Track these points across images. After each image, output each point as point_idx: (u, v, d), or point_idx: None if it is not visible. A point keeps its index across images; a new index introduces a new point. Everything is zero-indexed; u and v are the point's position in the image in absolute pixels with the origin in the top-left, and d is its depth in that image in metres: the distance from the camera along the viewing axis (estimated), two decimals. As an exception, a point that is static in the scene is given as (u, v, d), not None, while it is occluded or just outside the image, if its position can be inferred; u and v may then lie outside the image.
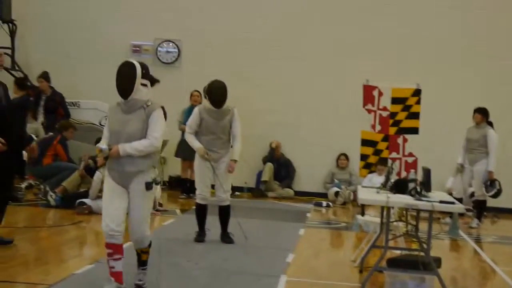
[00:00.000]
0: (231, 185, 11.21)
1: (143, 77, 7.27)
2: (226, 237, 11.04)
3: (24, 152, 15.17)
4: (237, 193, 17.05)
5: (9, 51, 17.70)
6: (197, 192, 10.93)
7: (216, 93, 10.66)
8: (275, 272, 9.20)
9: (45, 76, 16.61)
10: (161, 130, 7.37)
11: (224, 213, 11.03)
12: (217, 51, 18.19)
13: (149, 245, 7.74)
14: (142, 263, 7.72)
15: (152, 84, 7.44)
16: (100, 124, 16.70)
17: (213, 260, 9.73)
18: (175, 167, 17.42)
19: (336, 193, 17.27)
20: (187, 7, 18.34)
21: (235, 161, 10.82)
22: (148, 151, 7.31)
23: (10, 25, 17.86)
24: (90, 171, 13.92)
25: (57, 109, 16.50)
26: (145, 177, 7.34)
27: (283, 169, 18.12)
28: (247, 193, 17.89)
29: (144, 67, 7.35)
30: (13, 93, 14.90)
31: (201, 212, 10.99)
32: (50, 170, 14.68)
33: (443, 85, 17.25)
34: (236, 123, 10.80)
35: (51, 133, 15.34)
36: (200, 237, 10.97)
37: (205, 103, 10.87)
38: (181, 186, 16.72)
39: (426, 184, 8.68)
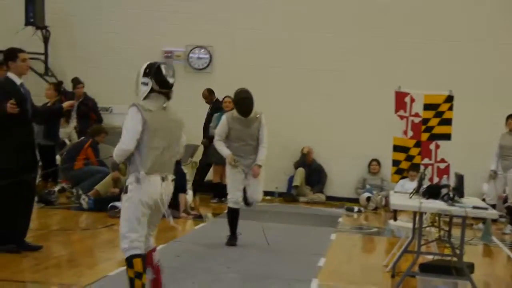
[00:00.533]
0: (262, 190, 11.27)
1: (144, 75, 6.85)
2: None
3: (57, 157, 15.38)
4: (268, 197, 17.06)
5: (42, 57, 17.85)
6: (229, 196, 10.99)
7: (243, 103, 10.78)
8: (307, 276, 9.20)
9: (79, 80, 16.80)
10: (126, 131, 6.75)
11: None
12: (249, 57, 18.20)
13: (126, 260, 6.79)
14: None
15: (160, 87, 6.81)
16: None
17: (245, 264, 9.74)
18: (208, 172, 17.44)
19: (368, 199, 17.22)
20: (218, 14, 18.37)
21: (259, 166, 10.88)
22: (116, 155, 6.84)
23: (44, 31, 17.99)
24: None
25: (89, 113, 16.64)
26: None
27: (314, 174, 18.10)
28: (278, 198, 17.87)
29: (150, 65, 6.87)
30: (46, 97, 15.11)
31: (233, 216, 11.02)
32: (82, 174, 14.78)
33: (475, 92, 17.14)
34: (263, 129, 10.89)
35: (83, 138, 15.45)
36: (232, 241, 11.00)
37: (233, 111, 10.99)
38: (213, 191, 16.75)
39: (459, 190, 8.65)
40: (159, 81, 6.78)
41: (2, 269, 8.52)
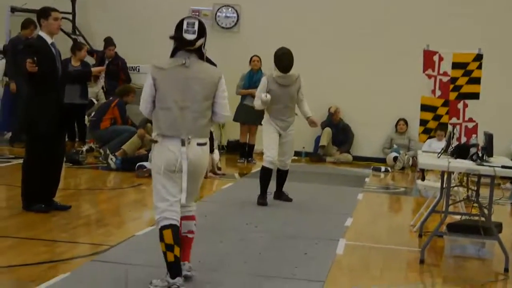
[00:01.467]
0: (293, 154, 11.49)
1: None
2: (282, 195, 11.38)
3: (86, 117, 15.46)
4: (295, 157, 17.03)
5: (69, 16, 17.84)
6: (265, 155, 11.03)
7: (283, 58, 10.89)
8: (334, 235, 9.22)
9: (113, 43, 16.82)
10: (142, 93, 6.62)
11: (284, 176, 11.36)
12: (276, 16, 18.10)
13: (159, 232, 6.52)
14: None
15: (178, 43, 6.50)
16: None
17: (272, 224, 9.77)
18: (234, 132, 17.46)
19: (395, 158, 17.17)
20: (245, -29, 18.28)
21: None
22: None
23: (72, -10, 17.98)
24: None
25: (118, 73, 16.67)
26: None
27: (341, 134, 18.05)
28: (305, 157, 17.89)
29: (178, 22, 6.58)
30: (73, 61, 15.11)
31: (267, 175, 11.04)
32: (109, 133, 14.86)
33: (505, 50, 16.96)
34: (303, 89, 11.06)
35: (110, 98, 15.49)
36: (263, 200, 11.02)
37: (272, 72, 11.03)
38: (240, 150, 16.77)
39: (488, 149, 8.57)
40: (176, 37, 6.50)
41: (31, 229, 8.60)
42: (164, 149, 6.40)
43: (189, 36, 6.45)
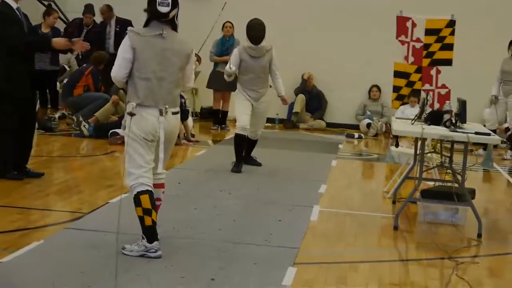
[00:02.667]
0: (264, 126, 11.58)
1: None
2: (251, 160, 11.42)
3: (57, 83, 15.32)
4: (268, 124, 17.03)
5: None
6: (237, 123, 11.03)
7: (254, 28, 10.91)
8: (308, 202, 9.24)
9: (91, 10, 16.60)
10: (116, 59, 6.59)
11: (253, 144, 11.44)
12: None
13: (133, 199, 6.59)
14: None
15: (152, 16, 6.57)
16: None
17: (246, 191, 9.78)
18: (207, 98, 17.41)
19: (368, 125, 17.21)
20: None
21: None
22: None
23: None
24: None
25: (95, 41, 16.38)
26: None
27: (315, 100, 18.06)
28: (278, 124, 17.89)
29: None
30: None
31: (241, 142, 11.06)
32: (82, 100, 14.74)
33: (477, 16, 16.97)
34: (275, 61, 11.03)
35: (84, 65, 15.34)
36: (237, 168, 10.99)
37: (244, 42, 11.10)
38: (213, 117, 16.73)
39: (462, 116, 8.60)
40: (150, 10, 6.55)
41: (5, 196, 8.55)
42: (143, 118, 6.45)
43: (164, 9, 6.50)
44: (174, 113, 6.64)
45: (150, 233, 6.49)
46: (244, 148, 11.15)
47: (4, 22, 9.10)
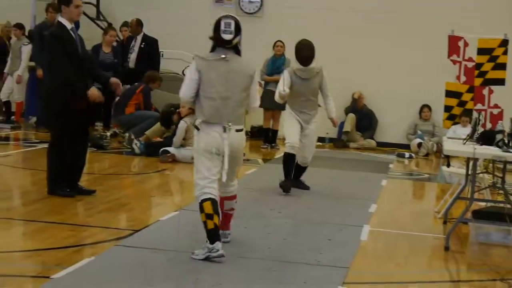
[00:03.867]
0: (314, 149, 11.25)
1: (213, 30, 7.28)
2: (300, 184, 11.12)
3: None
4: (319, 143, 17.00)
5: (94, 1, 17.88)
6: (286, 141, 10.86)
7: (303, 49, 10.64)
8: (358, 222, 9.20)
9: (127, 25, 16.78)
10: (184, 80, 7.28)
11: (303, 169, 11.15)
12: (300, 1, 18.05)
13: (199, 205, 7.14)
14: None
15: (217, 42, 7.20)
16: (183, 74, 16.76)
17: (296, 210, 9.77)
18: (257, 117, 17.45)
19: (419, 144, 17.10)
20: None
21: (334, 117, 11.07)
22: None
23: (95, -25, 18.00)
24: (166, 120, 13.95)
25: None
26: None
27: (365, 119, 18.00)
28: (328, 143, 17.85)
29: (216, 20, 7.23)
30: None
31: (289, 161, 10.84)
32: (133, 118, 14.86)
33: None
34: (326, 82, 10.79)
35: (136, 83, 15.48)
36: (286, 187, 10.78)
37: (293, 64, 10.89)
38: (263, 136, 16.76)
39: (514, 136, 8.52)
40: (215, 37, 7.16)
41: (57, 213, 8.65)
42: (207, 134, 7.07)
43: (227, 36, 7.15)
44: (237, 130, 7.18)
45: (212, 234, 6.97)
46: (292, 167, 10.90)
47: (58, 44, 9.25)
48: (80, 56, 9.43)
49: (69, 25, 9.42)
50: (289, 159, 10.87)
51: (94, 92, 9.43)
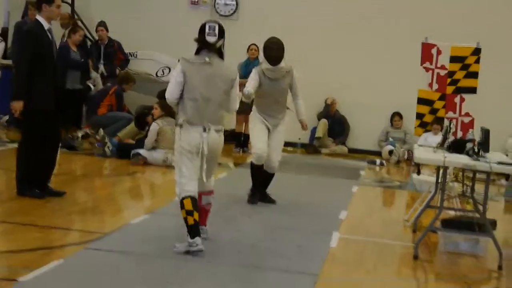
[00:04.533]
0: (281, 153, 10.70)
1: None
2: (265, 197, 10.56)
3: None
4: (290, 148, 17.02)
5: (69, 0, 17.76)
6: (253, 150, 10.45)
7: (271, 48, 10.17)
8: (328, 228, 9.21)
9: (104, 24, 16.68)
10: (170, 82, 7.69)
11: (268, 179, 10.59)
12: (275, 5, 18.06)
13: (180, 203, 7.52)
14: None
15: (202, 44, 7.68)
16: (157, 75, 16.71)
17: (266, 215, 9.76)
18: (229, 121, 17.40)
19: (390, 152, 17.15)
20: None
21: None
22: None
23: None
24: (141, 123, 13.95)
25: (115, 55, 16.50)
26: None
27: (337, 125, 18.01)
28: (300, 149, 17.84)
29: (201, 24, 7.76)
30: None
31: (256, 172, 10.44)
32: (105, 119, 14.80)
33: (503, 44, 16.91)
34: (296, 83, 10.32)
35: (108, 84, 15.42)
36: (253, 198, 10.43)
37: (262, 64, 10.37)
38: (235, 140, 16.74)
39: (485, 145, 8.55)
40: (200, 39, 7.60)
41: (26, 214, 8.58)
42: (189, 134, 7.44)
43: (211, 39, 7.62)
44: (217, 131, 7.57)
45: (192, 230, 7.35)
46: (260, 178, 10.46)
47: (34, 41, 9.21)
48: (53, 58, 9.38)
49: (46, 25, 9.35)
50: (256, 171, 10.46)
51: (14, 105, 9.37)
